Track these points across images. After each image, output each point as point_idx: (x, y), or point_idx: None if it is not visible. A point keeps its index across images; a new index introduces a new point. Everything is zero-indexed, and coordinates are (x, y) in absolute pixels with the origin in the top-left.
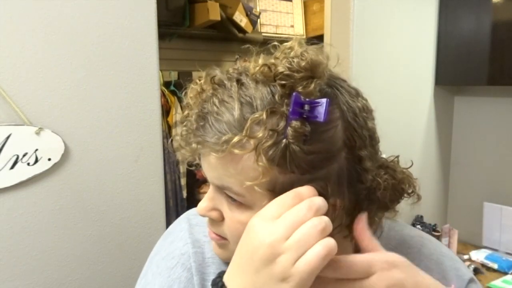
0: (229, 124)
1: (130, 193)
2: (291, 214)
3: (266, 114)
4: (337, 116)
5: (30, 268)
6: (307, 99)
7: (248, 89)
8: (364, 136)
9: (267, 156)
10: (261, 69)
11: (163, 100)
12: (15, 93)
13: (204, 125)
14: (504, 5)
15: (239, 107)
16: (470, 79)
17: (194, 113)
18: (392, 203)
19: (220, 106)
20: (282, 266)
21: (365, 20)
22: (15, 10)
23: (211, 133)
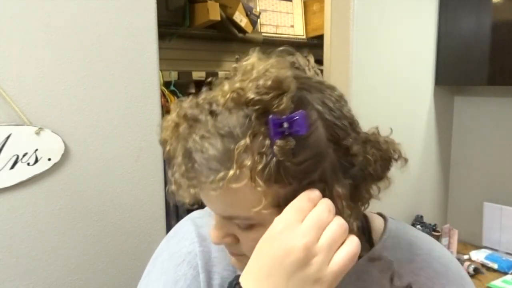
0: (217, 159)
1: (130, 193)
2: (315, 216)
3: (249, 139)
4: (315, 118)
5: (30, 268)
6: (283, 116)
7: (224, 119)
8: (344, 126)
9: (263, 178)
10: (231, 96)
11: (163, 100)
12: (15, 93)
13: (193, 166)
14: (504, 5)
15: (221, 140)
16: (470, 79)
17: (179, 154)
18: (384, 172)
19: (202, 142)
20: (317, 267)
21: (365, 20)
22: (15, 10)
23: (203, 173)
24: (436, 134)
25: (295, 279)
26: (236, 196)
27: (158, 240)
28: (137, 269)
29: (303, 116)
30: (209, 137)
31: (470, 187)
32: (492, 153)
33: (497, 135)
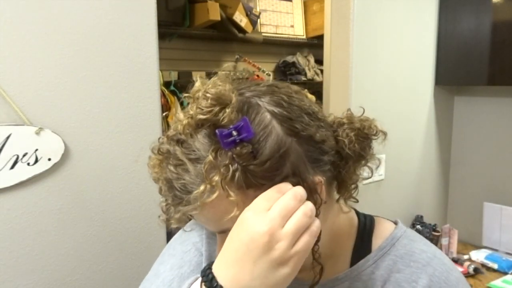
0: (192, 182)
1: (130, 193)
2: (281, 204)
3: (212, 156)
4: (268, 118)
5: (30, 268)
6: (231, 126)
7: (188, 145)
8: (302, 117)
9: (234, 187)
10: (186, 123)
11: (163, 100)
12: (15, 93)
13: (175, 194)
14: (504, 5)
15: (191, 163)
16: (470, 79)
17: (163, 186)
18: (363, 150)
19: (177, 170)
20: (281, 251)
21: (365, 20)
22: (15, 10)
23: (183, 198)
24: (436, 134)
25: (261, 263)
26: (216, 211)
27: (158, 240)
28: (137, 269)
29: (246, 121)
30: (181, 164)
31: (470, 187)
32: (492, 153)
33: (497, 135)
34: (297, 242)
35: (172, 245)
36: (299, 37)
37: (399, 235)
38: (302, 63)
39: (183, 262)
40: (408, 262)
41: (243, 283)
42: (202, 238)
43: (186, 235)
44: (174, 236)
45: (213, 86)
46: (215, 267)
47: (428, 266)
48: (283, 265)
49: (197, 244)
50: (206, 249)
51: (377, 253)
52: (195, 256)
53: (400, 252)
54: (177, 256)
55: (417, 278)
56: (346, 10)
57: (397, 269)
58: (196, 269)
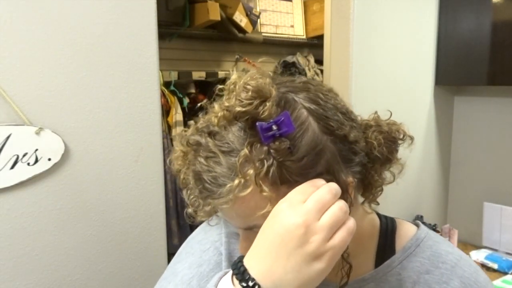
0: (223, 175)
1: (130, 193)
2: (317, 197)
3: (247, 149)
4: (305, 115)
5: (30, 268)
6: (271, 120)
7: (221, 137)
8: (337, 116)
9: (268, 183)
10: (222, 115)
11: (163, 100)
12: (15, 93)
13: (204, 186)
14: (504, 5)
15: (223, 156)
16: (470, 79)
17: (191, 178)
18: (391, 154)
19: (208, 162)
20: (316, 245)
21: (365, 20)
22: (15, 10)
23: (214, 191)
24: (436, 134)
25: (295, 256)
26: (248, 206)
27: (158, 240)
28: (137, 269)
29: (288, 116)
30: (213, 156)
31: (470, 187)
32: (492, 153)
33: (497, 135)
34: (333, 237)
35: (189, 244)
36: (299, 37)
37: (423, 236)
38: (302, 63)
39: (202, 260)
40: (436, 264)
41: (276, 276)
42: (221, 237)
43: (203, 234)
44: (191, 234)
45: (252, 79)
46: (247, 260)
47: (457, 268)
48: (317, 260)
49: (216, 243)
50: (225, 248)
51: (402, 254)
52: (214, 255)
53: (427, 253)
54: (195, 254)
55: (448, 279)
56: (346, 10)
57: (426, 270)
58: (216, 268)
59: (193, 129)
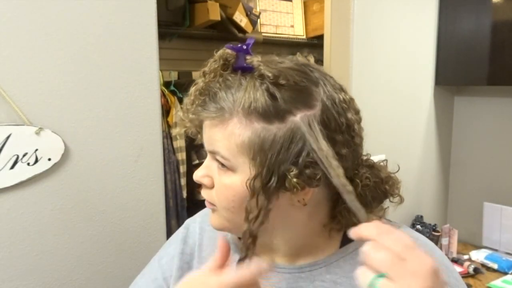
0: (223, 98)
1: (130, 193)
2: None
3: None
4: (317, 98)
5: (30, 268)
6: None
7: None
8: (341, 122)
9: (250, 112)
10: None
11: (163, 100)
12: (15, 93)
13: (205, 100)
14: (504, 5)
15: (231, 89)
16: (470, 79)
17: (197, 93)
18: (374, 202)
19: (221, 84)
20: None
21: (365, 20)
22: (15, 10)
23: (209, 105)
24: (436, 134)
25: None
26: (223, 130)
27: (158, 240)
28: (137, 269)
29: (251, 41)
30: (227, 82)
31: (470, 187)
32: (492, 153)
33: (497, 135)
34: None
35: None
36: (299, 37)
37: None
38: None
39: (169, 241)
40: None
41: None
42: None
43: (168, 241)
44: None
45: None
46: None
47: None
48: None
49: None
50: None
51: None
52: (181, 232)
53: None
54: (165, 246)
55: None
56: (346, 10)
57: None
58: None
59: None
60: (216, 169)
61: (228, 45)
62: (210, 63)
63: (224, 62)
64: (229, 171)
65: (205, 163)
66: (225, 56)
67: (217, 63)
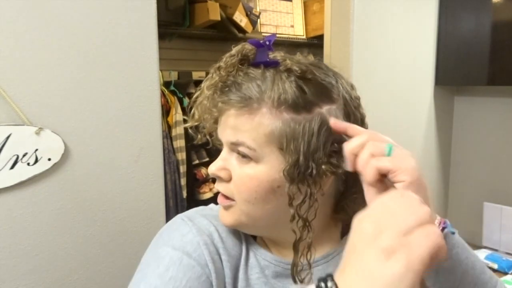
0: (249, 88)
1: (130, 193)
2: None
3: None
4: (337, 93)
5: (30, 268)
6: (261, 41)
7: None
8: (357, 116)
9: (280, 104)
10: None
11: (163, 100)
12: (15, 93)
13: (229, 90)
14: (504, 5)
15: (256, 80)
16: (470, 79)
17: (214, 88)
18: None
19: (244, 76)
20: (389, 238)
21: (365, 20)
22: (15, 10)
23: (235, 94)
24: (436, 134)
25: (365, 256)
26: (251, 120)
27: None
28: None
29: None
30: (250, 75)
31: (470, 187)
32: (492, 153)
33: (497, 135)
34: (411, 235)
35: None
36: (299, 37)
37: None
38: None
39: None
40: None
41: (346, 282)
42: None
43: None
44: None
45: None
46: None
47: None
48: (391, 257)
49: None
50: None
51: None
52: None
53: None
54: None
55: None
56: (346, 10)
57: None
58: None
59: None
60: (236, 161)
61: (251, 40)
62: (226, 58)
63: (242, 57)
64: (252, 161)
65: (222, 156)
66: (244, 52)
67: (235, 58)
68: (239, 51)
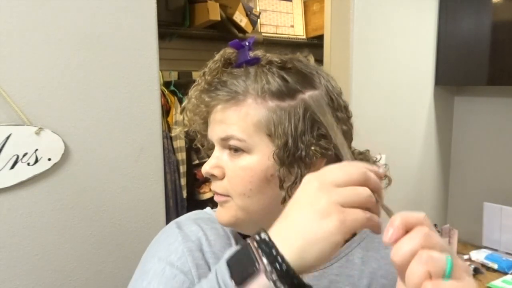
0: (235, 83)
1: (130, 193)
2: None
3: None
4: (319, 81)
5: (30, 268)
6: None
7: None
8: (340, 103)
9: (266, 92)
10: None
11: (163, 100)
12: (15, 93)
13: (216, 88)
14: (504, 5)
15: (240, 77)
16: (470, 79)
17: (203, 86)
18: None
19: (229, 75)
20: (326, 201)
21: (365, 20)
22: (15, 10)
23: (221, 90)
24: (436, 134)
25: (303, 211)
26: (238, 112)
27: None
28: None
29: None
30: (234, 73)
31: (470, 187)
32: (492, 153)
33: (497, 135)
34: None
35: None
36: (299, 37)
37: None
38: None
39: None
40: (373, 237)
41: (283, 231)
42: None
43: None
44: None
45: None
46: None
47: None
48: (325, 217)
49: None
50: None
51: (361, 235)
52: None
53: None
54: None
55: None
56: (346, 10)
57: (376, 248)
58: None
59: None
60: (227, 157)
61: (231, 42)
62: (210, 64)
63: (225, 61)
64: (244, 153)
65: (214, 155)
66: (226, 56)
67: (218, 62)
68: (222, 55)
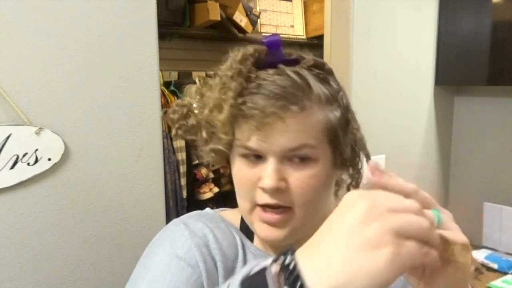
0: (300, 87)
1: (130, 193)
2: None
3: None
4: (337, 83)
5: (30, 268)
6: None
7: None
8: (349, 105)
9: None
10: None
11: (163, 100)
12: (15, 93)
13: (280, 93)
14: (504, 5)
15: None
16: (470, 79)
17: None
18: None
19: (292, 75)
20: (377, 230)
21: (365, 20)
22: (15, 10)
23: (287, 99)
24: (436, 134)
25: (347, 240)
26: (310, 121)
27: None
28: None
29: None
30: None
31: (470, 187)
32: (492, 153)
33: (497, 135)
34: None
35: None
36: (299, 37)
37: None
38: None
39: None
40: None
41: (320, 263)
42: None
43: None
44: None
45: None
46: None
47: None
48: (376, 249)
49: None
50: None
51: None
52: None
53: None
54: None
55: None
56: (346, 10)
57: None
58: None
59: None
60: (291, 168)
61: (268, 40)
62: (233, 65)
63: (255, 59)
64: (311, 161)
65: (274, 168)
66: (255, 54)
67: (249, 60)
68: (251, 54)
